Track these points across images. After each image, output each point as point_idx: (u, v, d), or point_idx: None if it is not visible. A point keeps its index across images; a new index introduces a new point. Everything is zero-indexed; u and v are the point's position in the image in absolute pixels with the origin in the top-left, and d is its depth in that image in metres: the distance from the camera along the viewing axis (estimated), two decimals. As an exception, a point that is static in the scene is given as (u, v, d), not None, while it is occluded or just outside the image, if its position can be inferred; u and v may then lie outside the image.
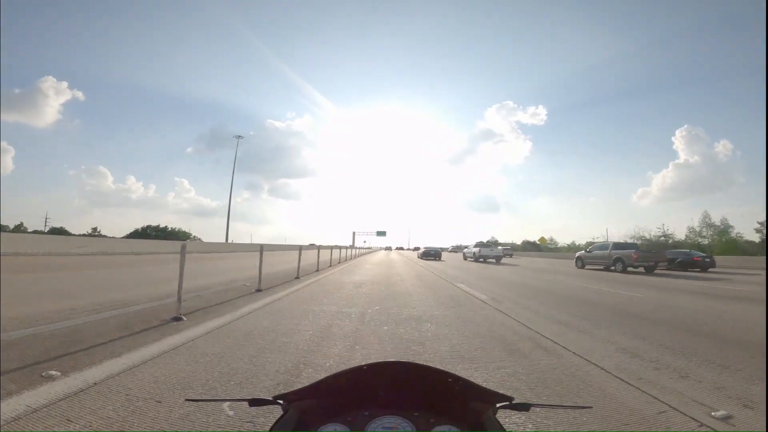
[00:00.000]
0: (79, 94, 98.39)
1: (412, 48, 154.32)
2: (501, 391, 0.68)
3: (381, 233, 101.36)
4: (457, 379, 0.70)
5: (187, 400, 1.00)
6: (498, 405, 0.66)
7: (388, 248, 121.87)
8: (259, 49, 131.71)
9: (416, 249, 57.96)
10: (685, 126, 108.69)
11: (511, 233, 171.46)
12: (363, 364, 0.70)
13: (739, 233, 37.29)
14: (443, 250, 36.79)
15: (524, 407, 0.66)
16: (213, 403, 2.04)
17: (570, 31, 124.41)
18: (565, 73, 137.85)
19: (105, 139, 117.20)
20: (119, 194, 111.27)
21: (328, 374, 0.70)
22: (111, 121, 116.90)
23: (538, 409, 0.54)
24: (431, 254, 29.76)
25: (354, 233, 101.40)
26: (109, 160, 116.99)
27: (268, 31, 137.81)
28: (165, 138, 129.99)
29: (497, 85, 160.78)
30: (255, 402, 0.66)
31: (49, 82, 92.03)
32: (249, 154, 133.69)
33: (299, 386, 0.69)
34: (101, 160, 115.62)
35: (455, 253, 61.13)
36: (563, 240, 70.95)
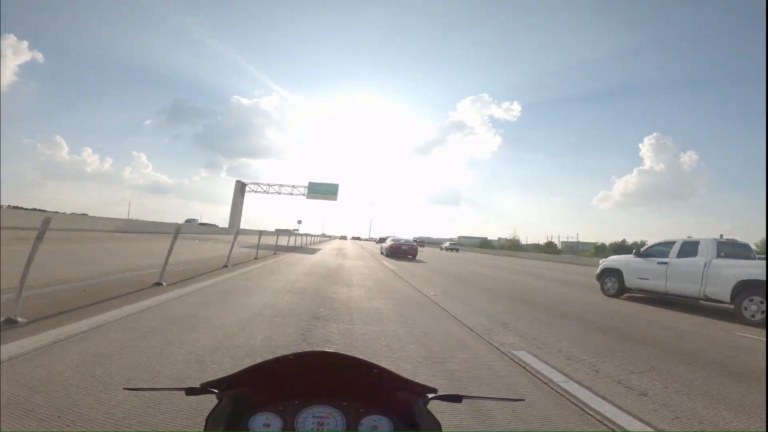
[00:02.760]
0: (39, 56, 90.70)
1: (390, 36, 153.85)
2: (424, 383, 0.68)
3: (325, 190, 49.11)
4: (382, 371, 0.70)
5: (125, 389, 0.95)
6: (429, 396, 0.67)
7: (343, 237, 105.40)
8: (225, 24, 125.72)
9: (381, 241, 39.78)
10: (655, 134, 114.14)
11: (472, 228, 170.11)
12: (289, 353, 0.70)
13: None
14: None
15: (456, 398, 0.67)
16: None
17: (552, 29, 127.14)
18: (543, 70, 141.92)
19: (62, 106, 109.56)
20: (74, 167, 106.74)
21: (255, 362, 0.70)
22: (70, 87, 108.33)
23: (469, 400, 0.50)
24: (402, 250, 20.68)
25: (241, 186, 50.84)
26: (66, 130, 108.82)
27: (233, 11, 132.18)
28: (125, 109, 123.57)
29: (474, 76, 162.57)
30: (191, 391, 0.65)
31: (9, 41, 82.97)
32: (211, 130, 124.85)
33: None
34: (57, 129, 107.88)
35: (452, 252, 44.92)
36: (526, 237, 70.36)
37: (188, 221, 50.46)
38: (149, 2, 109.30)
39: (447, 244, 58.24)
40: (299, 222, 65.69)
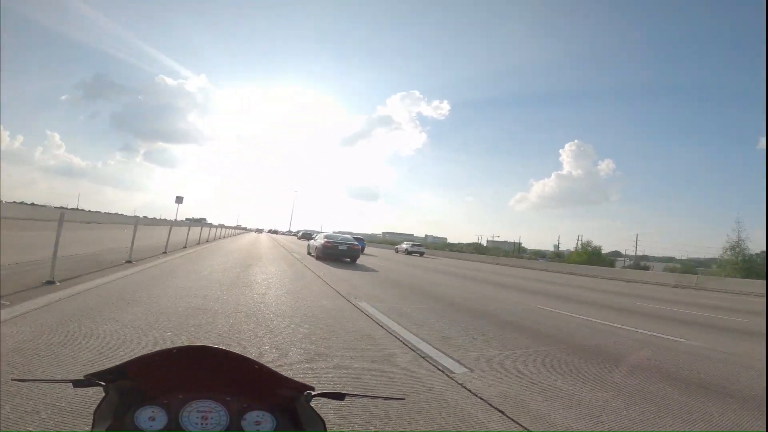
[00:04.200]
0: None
1: (325, 24, 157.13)
2: (304, 381, 0.70)
3: None
4: (262, 368, 0.70)
5: (13, 379, 0.92)
6: (313, 393, 0.69)
7: (259, 230, 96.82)
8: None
9: (305, 236, 36.51)
10: (576, 141, 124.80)
11: (388, 225, 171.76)
12: (173, 347, 0.69)
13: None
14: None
15: (339, 396, 0.71)
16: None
17: (487, 32, 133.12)
18: (475, 71, 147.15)
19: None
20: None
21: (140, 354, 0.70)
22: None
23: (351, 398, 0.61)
24: (340, 251, 14.76)
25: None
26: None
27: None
28: (41, 79, 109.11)
29: (407, 72, 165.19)
30: (78, 383, 0.66)
31: None
32: (130, 110, 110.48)
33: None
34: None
35: (414, 256, 32.82)
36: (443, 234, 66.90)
37: None
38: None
39: (407, 245, 41.24)
40: (179, 199, 37.59)
